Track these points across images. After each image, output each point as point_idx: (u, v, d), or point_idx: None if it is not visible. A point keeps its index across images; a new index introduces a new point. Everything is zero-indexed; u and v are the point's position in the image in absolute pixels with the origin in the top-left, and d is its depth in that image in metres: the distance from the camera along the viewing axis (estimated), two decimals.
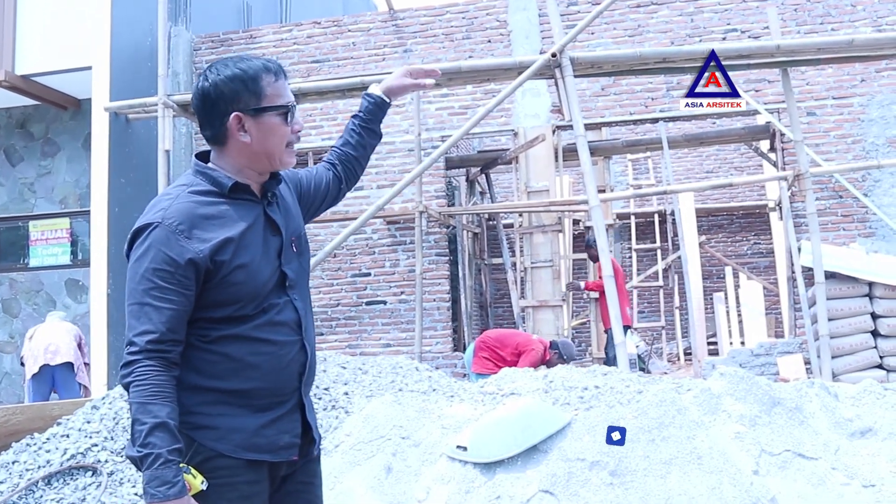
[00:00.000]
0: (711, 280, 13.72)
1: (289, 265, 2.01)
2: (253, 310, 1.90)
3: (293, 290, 2.00)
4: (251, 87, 1.94)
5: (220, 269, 1.86)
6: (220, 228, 1.89)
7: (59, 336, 8.03)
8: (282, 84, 1.99)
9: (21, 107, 10.42)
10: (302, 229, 2.14)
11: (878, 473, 3.66)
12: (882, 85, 8.85)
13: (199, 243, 1.85)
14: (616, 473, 3.59)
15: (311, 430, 2.05)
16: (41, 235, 10.42)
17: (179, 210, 1.88)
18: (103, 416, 4.81)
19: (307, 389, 2.05)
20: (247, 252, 1.91)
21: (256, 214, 1.98)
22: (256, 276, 1.91)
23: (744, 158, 14.31)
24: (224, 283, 1.87)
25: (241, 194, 1.97)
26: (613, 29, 9.52)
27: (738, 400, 4.01)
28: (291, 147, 2.03)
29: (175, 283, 1.83)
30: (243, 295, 1.89)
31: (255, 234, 1.95)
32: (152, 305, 1.82)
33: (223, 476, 1.88)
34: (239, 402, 1.91)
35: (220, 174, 1.97)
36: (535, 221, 9.64)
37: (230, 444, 1.88)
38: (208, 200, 1.93)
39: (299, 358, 1.98)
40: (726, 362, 8.41)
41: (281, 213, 2.05)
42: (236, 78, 1.93)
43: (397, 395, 4.82)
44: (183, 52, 10.53)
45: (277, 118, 1.97)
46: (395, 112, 9.97)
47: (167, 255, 1.83)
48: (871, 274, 7.91)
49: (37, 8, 9.72)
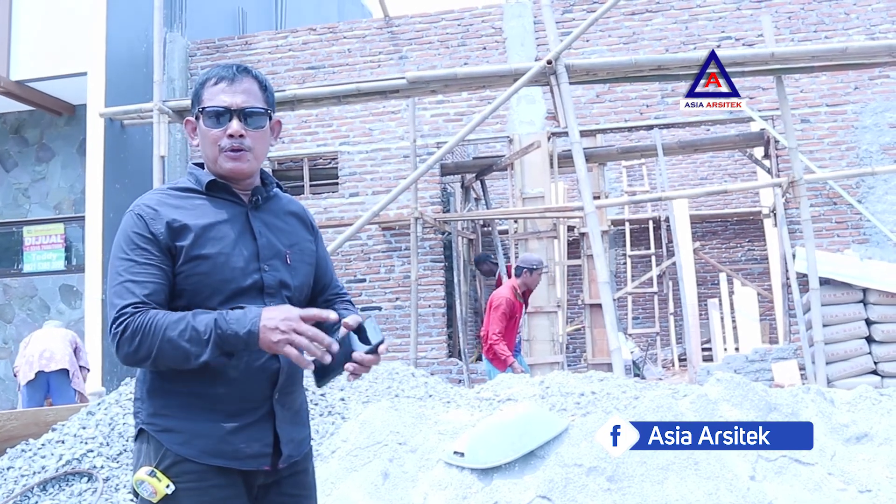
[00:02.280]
0: (706, 286, 13.75)
1: (274, 273, 2.00)
2: (219, 305, 1.89)
3: (273, 298, 1.97)
4: (197, 92, 2.03)
5: (181, 255, 1.89)
6: (183, 216, 1.93)
7: (54, 342, 7.99)
8: (220, 88, 1.99)
9: (16, 112, 10.41)
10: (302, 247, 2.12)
11: (874, 479, 3.68)
12: (875, 92, 8.90)
13: (161, 225, 1.89)
14: (613, 479, 3.60)
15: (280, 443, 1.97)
16: (35, 241, 10.39)
17: (150, 199, 1.97)
18: (99, 422, 4.80)
19: (285, 400, 2.00)
20: (213, 244, 1.92)
21: (236, 214, 2.01)
22: (222, 269, 1.91)
23: (738, 165, 14.34)
24: (186, 271, 1.89)
25: (222, 193, 2.02)
26: (608, 36, 9.55)
27: (735, 406, 4.02)
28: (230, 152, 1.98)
29: (151, 257, 1.87)
30: (206, 286, 1.90)
31: (228, 230, 1.96)
32: (134, 281, 1.85)
33: (190, 480, 1.87)
34: (207, 407, 1.89)
35: (202, 172, 2.05)
36: (531, 227, 9.65)
37: (195, 448, 1.87)
38: (184, 195, 2.00)
39: (270, 365, 1.93)
40: (721, 368, 8.43)
41: (268, 223, 2.05)
42: (195, 85, 2.05)
43: (394, 401, 4.82)
44: (178, 59, 10.54)
45: (209, 121, 1.99)
46: (390, 119, 9.99)
47: (139, 233, 1.89)
48: (865, 280, 7.94)
49: (32, 13, 9.71)
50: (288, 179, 11.05)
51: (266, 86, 2.06)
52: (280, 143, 10.18)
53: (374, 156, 10.02)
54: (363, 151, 10.06)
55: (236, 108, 1.97)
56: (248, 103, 1.99)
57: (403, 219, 9.54)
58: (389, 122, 10.02)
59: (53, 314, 10.00)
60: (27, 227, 10.42)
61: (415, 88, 7.72)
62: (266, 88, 2.06)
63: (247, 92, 2.00)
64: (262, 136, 2.03)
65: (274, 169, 10.56)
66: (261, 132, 2.02)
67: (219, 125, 1.97)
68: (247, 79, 2.02)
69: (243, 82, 2.00)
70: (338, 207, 10.01)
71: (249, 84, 2.02)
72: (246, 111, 1.98)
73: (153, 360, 1.80)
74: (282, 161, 10.67)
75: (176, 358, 1.78)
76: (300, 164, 10.57)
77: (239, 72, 2.01)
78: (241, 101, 1.98)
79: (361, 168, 10.05)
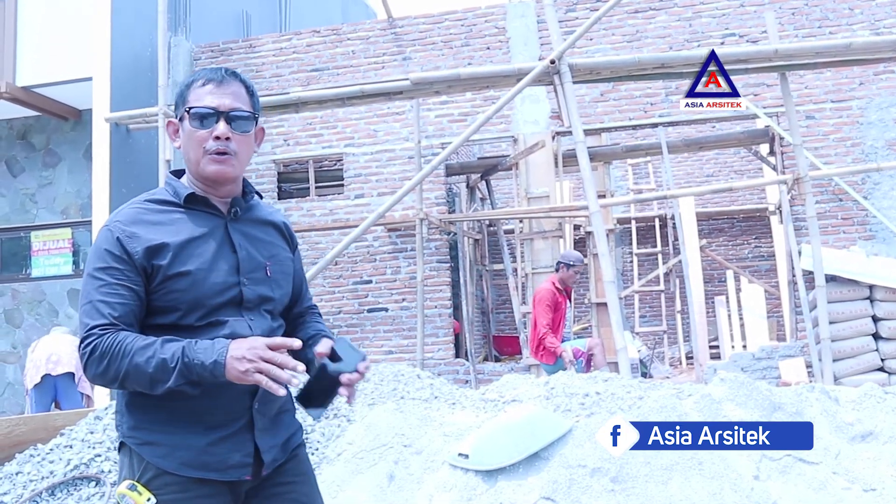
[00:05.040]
0: (713, 284, 13.73)
1: (254, 286, 1.97)
2: (197, 321, 1.87)
3: (251, 311, 1.96)
4: (182, 94, 1.99)
5: (158, 273, 1.86)
6: (160, 233, 1.89)
7: (61, 346, 8.03)
8: (207, 90, 1.95)
9: (22, 118, 10.47)
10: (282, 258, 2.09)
11: (879, 477, 3.67)
12: (880, 88, 8.87)
13: (138, 244, 1.86)
14: (617, 480, 3.60)
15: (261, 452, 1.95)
16: (43, 246, 10.45)
17: (127, 214, 1.92)
18: (106, 427, 4.82)
19: (265, 409, 1.97)
20: (192, 260, 1.88)
21: (215, 227, 1.97)
22: (201, 286, 1.88)
23: (744, 162, 14.31)
24: (164, 289, 1.86)
25: (200, 206, 1.98)
26: (612, 34, 9.55)
27: (739, 405, 4.01)
28: (215, 155, 1.94)
29: (123, 278, 1.84)
30: (184, 303, 1.87)
31: (206, 244, 1.93)
32: (103, 301, 1.83)
33: (172, 492, 1.86)
34: (186, 419, 1.88)
35: (180, 184, 2.00)
36: (536, 227, 9.65)
37: (175, 461, 1.85)
38: (161, 209, 1.95)
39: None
40: (728, 366, 8.42)
41: (247, 234, 2.02)
42: (180, 86, 2.01)
43: (399, 403, 4.83)
44: (183, 62, 10.58)
45: (194, 122, 1.94)
46: (394, 120, 10.01)
47: (112, 252, 1.85)
48: (871, 277, 7.91)
49: (37, 19, 9.76)
50: (293, 182, 11.08)
51: (253, 91, 2.03)
52: (285, 145, 10.22)
53: (378, 157, 10.04)
54: (368, 153, 10.07)
55: (224, 110, 1.93)
56: (235, 106, 1.95)
57: (409, 220, 9.55)
58: (394, 123, 10.04)
59: (62, 318, 10.05)
60: (35, 232, 10.49)
61: (419, 89, 7.72)
62: (253, 94, 2.03)
63: (234, 95, 1.96)
64: (248, 140, 1.99)
65: (279, 171, 10.59)
66: (246, 137, 1.98)
67: (204, 127, 1.93)
68: (235, 82, 1.98)
69: (231, 85, 1.97)
70: (343, 209, 10.02)
71: (237, 88, 1.98)
72: (233, 114, 1.95)
73: (120, 382, 1.79)
74: (287, 163, 10.70)
75: (142, 383, 1.77)
76: (305, 167, 10.59)
77: (227, 75, 1.98)
78: (228, 103, 1.94)
79: (366, 169, 10.06)
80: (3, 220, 10.55)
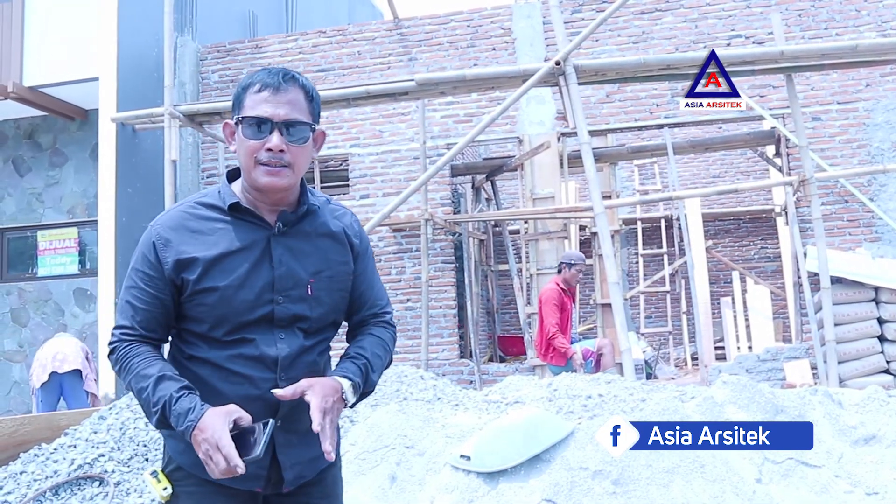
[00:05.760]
0: (719, 285, 13.70)
1: (290, 305, 1.90)
2: (225, 335, 1.86)
3: (284, 330, 1.90)
4: (239, 97, 1.91)
5: (187, 287, 1.85)
6: (196, 245, 1.86)
7: (66, 346, 8.08)
8: (263, 97, 1.85)
9: (29, 118, 10.51)
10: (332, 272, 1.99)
11: (881, 481, 3.66)
12: (887, 89, 8.84)
13: (170, 255, 1.86)
14: (619, 482, 3.60)
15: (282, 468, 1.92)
16: (49, 245, 10.49)
17: (171, 218, 1.92)
18: (110, 427, 4.84)
19: (291, 426, 1.91)
20: (223, 276, 1.85)
21: (256, 240, 1.90)
22: (230, 303, 1.85)
23: (750, 163, 14.28)
24: (193, 301, 1.86)
25: (245, 215, 1.92)
26: (618, 36, 9.54)
27: (741, 408, 4.01)
28: (265, 166, 1.85)
29: (151, 286, 1.87)
30: (211, 318, 1.85)
31: (243, 259, 1.88)
32: (130, 303, 1.90)
33: (190, 486, 1.91)
34: None
35: (228, 190, 1.95)
36: (541, 228, 9.65)
37: (190, 459, 1.84)
38: (206, 215, 1.91)
39: (271, 396, 1.83)
40: (733, 368, 8.40)
41: (293, 248, 1.93)
42: (237, 87, 1.94)
43: (402, 404, 4.83)
44: (189, 63, 10.60)
45: (247, 130, 1.86)
46: (400, 120, 10.01)
47: (147, 258, 1.88)
48: (877, 279, 7.89)
49: (43, 20, 9.79)
50: None
51: (313, 95, 1.93)
52: None
53: (384, 158, 10.05)
54: (373, 153, 10.09)
55: (279, 121, 1.83)
56: (291, 116, 1.85)
57: (414, 220, 9.56)
58: (399, 123, 10.04)
59: (68, 318, 10.09)
60: (41, 232, 10.53)
61: (424, 90, 7.73)
62: (313, 98, 1.92)
63: (291, 103, 1.86)
64: (304, 150, 1.90)
65: None
66: (303, 146, 1.89)
67: (258, 136, 1.84)
68: (293, 88, 1.87)
69: (289, 92, 1.86)
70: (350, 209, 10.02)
71: (295, 94, 1.87)
72: (288, 124, 1.85)
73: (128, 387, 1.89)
74: None
75: (139, 403, 1.86)
76: (311, 167, 10.59)
77: (285, 80, 1.86)
78: (284, 113, 1.84)
79: (372, 170, 10.08)
80: (9, 220, 10.59)
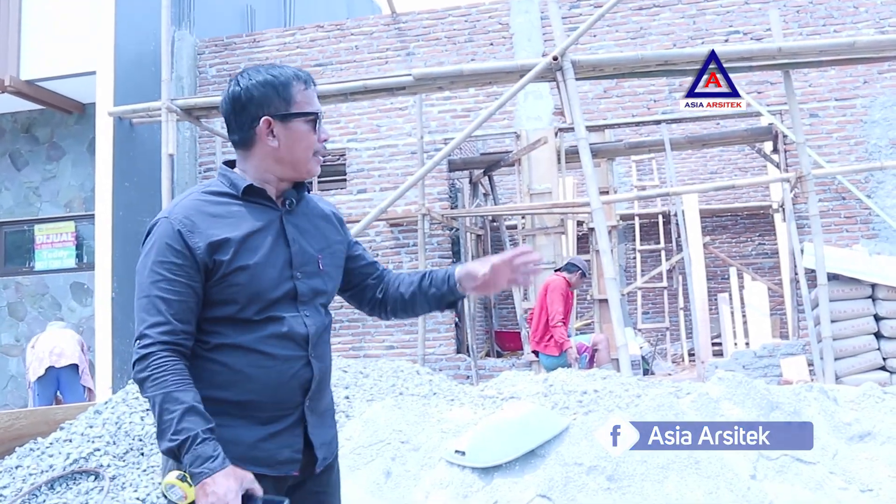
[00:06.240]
0: (716, 281, 13.70)
1: (307, 280, 1.99)
2: (255, 315, 1.89)
3: (305, 305, 1.98)
4: (282, 93, 1.96)
5: (220, 269, 1.86)
6: (222, 227, 1.90)
7: (63, 339, 8.07)
8: (311, 93, 2.01)
9: (26, 111, 10.48)
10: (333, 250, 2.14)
11: (876, 478, 3.67)
12: (885, 86, 8.84)
13: (200, 239, 1.86)
14: (613, 478, 3.61)
15: (314, 448, 1.98)
16: (46, 239, 10.48)
17: (186, 206, 1.92)
18: (106, 421, 4.84)
19: (315, 405, 2.00)
20: (251, 254, 1.90)
21: (271, 220, 1.98)
22: (260, 280, 1.89)
23: (748, 159, 14.28)
24: (225, 283, 1.87)
25: (257, 198, 1.98)
26: (615, 31, 9.53)
27: (737, 404, 4.01)
28: (318, 156, 2.03)
29: (182, 274, 1.84)
30: (244, 297, 1.87)
31: (264, 238, 1.94)
32: (161, 297, 1.83)
33: None
34: (238, 414, 1.88)
35: (237, 176, 2.00)
36: (538, 223, 9.65)
37: (227, 455, 1.82)
38: (220, 200, 1.95)
39: (304, 374, 1.93)
40: (729, 364, 8.41)
41: (299, 227, 2.04)
42: (268, 83, 1.95)
43: (398, 400, 4.84)
44: (186, 57, 10.58)
45: (306, 125, 1.98)
46: (397, 115, 10.00)
47: (172, 247, 1.85)
48: (873, 276, 7.89)
49: (41, 13, 9.77)
50: None
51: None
52: None
53: (381, 152, 10.04)
54: (371, 148, 10.08)
55: (321, 114, 2.05)
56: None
57: (411, 215, 9.55)
58: (397, 118, 10.04)
59: (65, 312, 10.08)
60: (38, 226, 10.51)
61: (422, 85, 7.73)
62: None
63: None
64: None
65: None
66: None
67: (315, 130, 2.00)
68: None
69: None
70: (346, 204, 10.02)
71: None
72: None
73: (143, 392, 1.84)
74: None
75: (153, 414, 1.82)
76: None
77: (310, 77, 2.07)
78: (319, 106, 2.06)
79: (369, 164, 10.07)
80: (6, 214, 10.58)
